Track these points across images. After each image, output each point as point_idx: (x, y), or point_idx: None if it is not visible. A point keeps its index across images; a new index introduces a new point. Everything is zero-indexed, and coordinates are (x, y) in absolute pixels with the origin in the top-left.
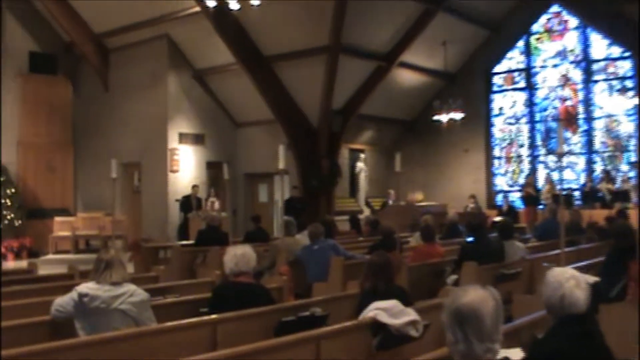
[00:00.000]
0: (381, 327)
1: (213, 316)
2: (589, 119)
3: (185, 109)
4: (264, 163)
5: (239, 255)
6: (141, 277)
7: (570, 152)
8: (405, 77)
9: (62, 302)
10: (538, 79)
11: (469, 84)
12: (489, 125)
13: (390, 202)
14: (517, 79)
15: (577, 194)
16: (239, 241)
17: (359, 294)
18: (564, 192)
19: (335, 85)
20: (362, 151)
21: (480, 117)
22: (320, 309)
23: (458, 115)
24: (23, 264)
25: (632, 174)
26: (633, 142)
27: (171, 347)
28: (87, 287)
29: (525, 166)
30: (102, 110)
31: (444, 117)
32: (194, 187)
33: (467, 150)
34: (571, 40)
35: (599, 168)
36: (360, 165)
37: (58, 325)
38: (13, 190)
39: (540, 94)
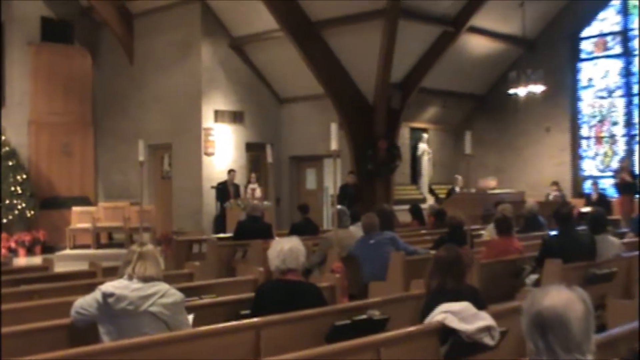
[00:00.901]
0: (450, 333)
1: (256, 319)
2: None
3: (221, 83)
4: (312, 144)
5: (286, 250)
6: (173, 275)
7: None
8: (476, 44)
9: (84, 303)
10: (636, 43)
11: (552, 51)
12: (575, 99)
13: (458, 189)
14: (610, 44)
15: None
16: (284, 234)
17: (423, 294)
18: None
19: (394, 55)
20: (425, 130)
21: (564, 89)
22: (378, 311)
23: (538, 88)
24: (37, 260)
25: None
26: None
27: (208, 354)
28: (112, 285)
29: (620, 148)
30: (126, 85)
31: (521, 91)
32: (231, 172)
33: (549, 129)
34: None
35: None
36: (422, 146)
37: (79, 330)
38: (24, 176)
39: (639, 62)
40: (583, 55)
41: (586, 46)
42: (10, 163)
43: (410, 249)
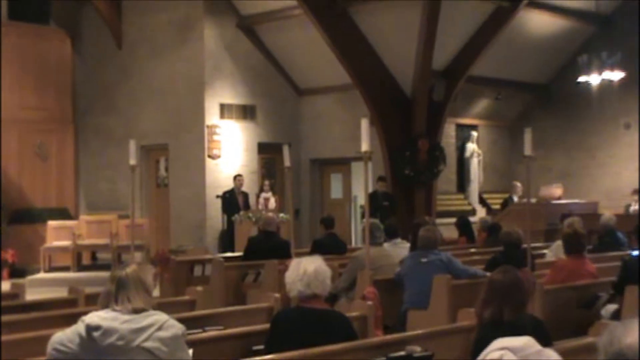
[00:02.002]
0: None
1: (271, 356)
2: None
3: (228, 71)
4: (337, 145)
5: (310, 273)
6: (171, 303)
7: None
8: (537, 23)
9: (64, 338)
10: None
11: (632, 30)
12: None
13: (516, 198)
14: None
15: None
16: (304, 253)
17: (474, 326)
18: None
19: (436, 37)
20: (474, 127)
21: None
22: (419, 347)
23: (615, 75)
24: (4, 286)
25: None
26: None
27: None
28: (98, 316)
29: None
30: (114, 75)
31: (593, 79)
32: (238, 177)
33: (628, 125)
34: None
35: None
36: (472, 147)
37: None
38: None
39: None
40: None
41: None
42: None
43: (470, 272)
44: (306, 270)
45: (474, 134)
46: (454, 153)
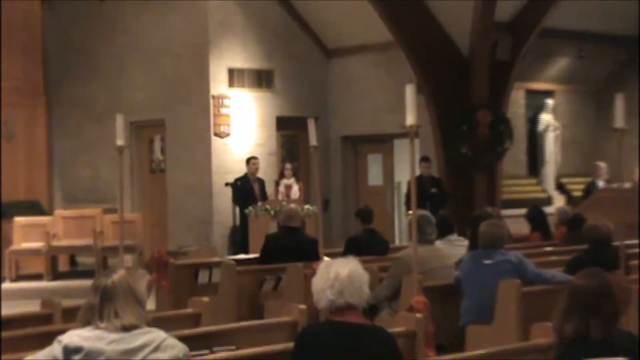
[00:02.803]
0: None
1: None
2: None
3: (238, 28)
4: (376, 118)
5: (343, 278)
6: (170, 317)
7: None
8: None
9: None
10: None
11: None
12: None
13: (601, 183)
14: None
15: None
16: (336, 253)
17: (552, 345)
18: None
19: None
20: (550, 94)
21: None
22: None
23: None
24: None
25: None
26: None
27: None
28: (79, 336)
29: None
30: (95, 35)
31: None
32: (252, 160)
33: None
34: None
35: None
36: (546, 119)
37: None
38: None
39: None
40: None
41: None
42: None
43: (547, 276)
44: (338, 275)
45: (549, 102)
46: (523, 127)
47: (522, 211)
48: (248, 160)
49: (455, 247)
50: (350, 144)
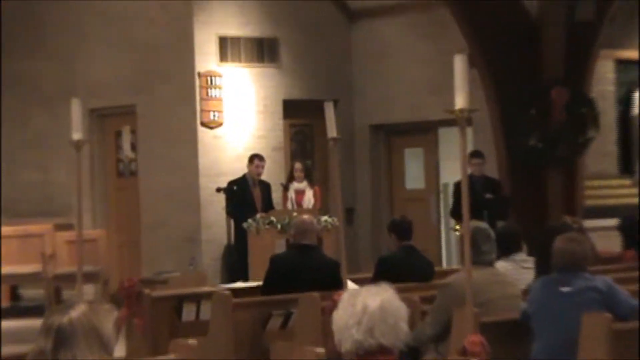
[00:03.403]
0: None
1: None
2: None
3: None
4: (415, 101)
5: (373, 311)
6: None
7: None
8: None
9: None
10: None
11: None
12: None
13: None
14: None
15: None
16: (363, 279)
17: None
18: None
19: None
20: None
21: None
22: None
23: None
24: None
25: None
26: None
27: None
28: None
29: None
30: None
31: None
32: (255, 159)
33: None
34: None
35: None
36: None
37: None
38: None
39: None
40: None
41: None
42: None
43: None
44: (367, 308)
45: None
46: (612, 109)
47: (613, 222)
48: (251, 159)
49: (522, 270)
50: (382, 135)
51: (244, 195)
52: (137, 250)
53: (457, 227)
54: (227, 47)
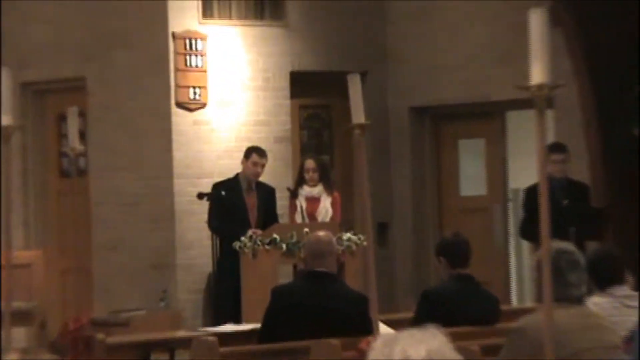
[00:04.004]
0: None
1: None
2: None
3: None
4: (473, 74)
5: None
6: None
7: None
8: None
9: None
10: None
11: None
12: None
13: None
14: None
15: None
16: (401, 320)
17: None
18: None
19: None
20: None
21: None
22: None
23: None
24: None
25: None
26: None
27: None
28: None
29: None
30: None
31: None
32: (252, 154)
33: None
34: None
35: None
36: None
37: None
38: None
39: None
40: None
41: None
42: None
43: None
44: (406, 356)
45: None
46: None
47: None
48: (247, 154)
49: (624, 310)
50: (427, 121)
51: (235, 204)
52: (88, 280)
53: (532, 249)
54: (212, 2)
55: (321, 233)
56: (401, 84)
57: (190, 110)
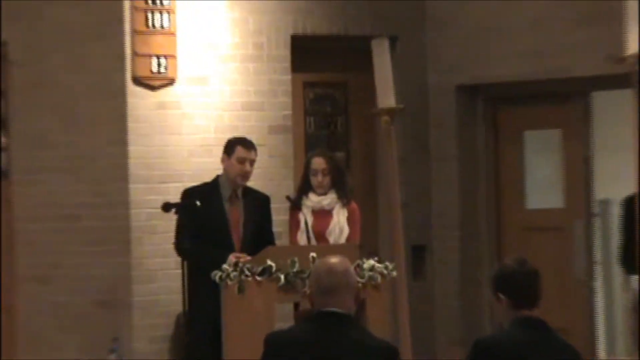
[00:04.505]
0: None
1: None
2: None
3: None
4: (541, 45)
5: None
6: None
7: None
8: None
9: None
10: None
11: None
12: None
13: None
14: None
15: None
16: None
17: None
18: None
19: None
20: None
21: None
22: None
23: None
24: None
25: None
26: None
27: None
28: None
29: None
30: None
31: None
32: (237, 148)
33: None
34: None
35: None
36: None
37: None
38: None
39: None
40: None
41: None
42: None
43: None
44: None
45: None
46: None
47: None
48: (230, 148)
49: None
50: (481, 105)
51: (214, 218)
52: (9, 322)
53: (628, 283)
54: None
55: (333, 260)
56: (445, 55)
57: (153, 88)
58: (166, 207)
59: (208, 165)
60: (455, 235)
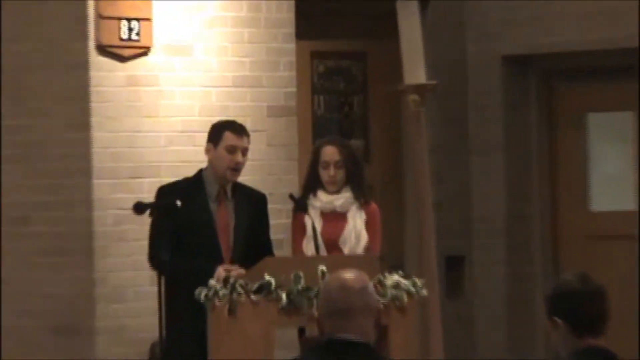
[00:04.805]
0: None
1: None
2: None
3: None
4: (607, 6)
5: None
6: None
7: None
8: None
9: None
10: None
11: None
12: None
13: None
14: None
15: None
16: None
17: None
18: None
19: None
20: None
21: None
22: None
23: None
24: None
25: None
26: None
27: None
28: None
29: None
30: None
31: None
32: (226, 134)
33: None
34: None
35: None
36: None
37: None
38: None
39: None
40: None
41: None
42: None
43: None
44: None
45: None
46: None
47: None
48: (217, 134)
49: None
50: (534, 80)
51: (198, 222)
52: None
53: None
54: None
55: (348, 275)
56: (487, 20)
57: (122, 59)
58: (138, 208)
59: (190, 156)
60: (501, 243)
